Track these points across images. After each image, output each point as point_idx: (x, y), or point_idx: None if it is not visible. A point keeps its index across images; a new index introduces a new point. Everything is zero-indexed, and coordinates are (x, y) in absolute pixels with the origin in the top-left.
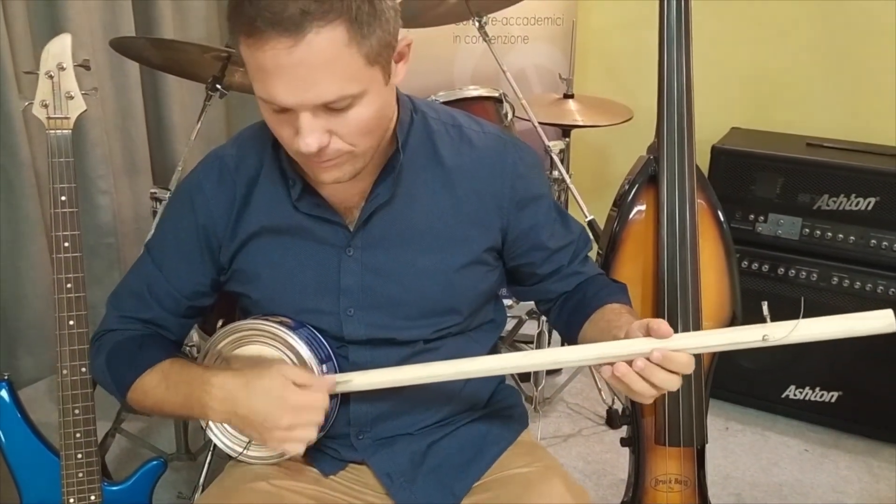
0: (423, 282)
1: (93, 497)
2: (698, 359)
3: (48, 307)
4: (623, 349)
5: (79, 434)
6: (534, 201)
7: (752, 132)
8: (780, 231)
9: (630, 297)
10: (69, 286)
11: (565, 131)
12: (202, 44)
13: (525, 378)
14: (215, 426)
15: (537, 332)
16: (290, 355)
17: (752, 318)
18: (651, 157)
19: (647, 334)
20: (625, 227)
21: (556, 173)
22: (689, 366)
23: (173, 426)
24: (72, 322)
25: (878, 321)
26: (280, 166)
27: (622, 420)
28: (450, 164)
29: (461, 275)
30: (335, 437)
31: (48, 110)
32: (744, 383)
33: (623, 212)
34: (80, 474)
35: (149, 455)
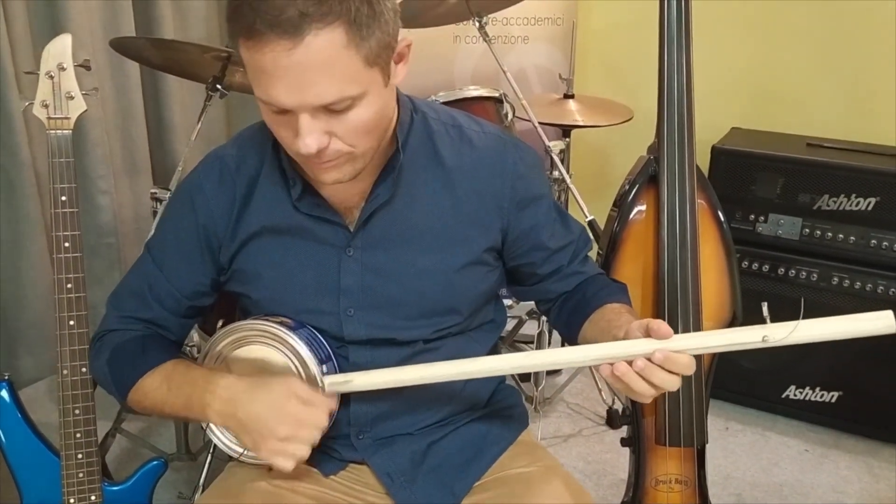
0: (423, 282)
1: (93, 497)
2: (698, 359)
3: (48, 307)
4: (624, 350)
5: (79, 434)
6: (534, 201)
7: (753, 132)
8: (781, 231)
9: (630, 297)
10: (69, 286)
11: (565, 131)
12: (202, 44)
13: (525, 378)
14: (216, 426)
15: (537, 333)
16: (291, 356)
17: (753, 318)
18: (651, 158)
19: (646, 335)
20: (625, 228)
21: (556, 173)
22: (689, 367)
23: (174, 426)
24: (72, 322)
25: (879, 322)
26: (280, 166)
27: (622, 420)
28: (450, 164)
29: (461, 275)
30: (335, 437)
31: (48, 110)
32: (744, 383)
33: (623, 212)
34: (81, 474)
35: (149, 455)
